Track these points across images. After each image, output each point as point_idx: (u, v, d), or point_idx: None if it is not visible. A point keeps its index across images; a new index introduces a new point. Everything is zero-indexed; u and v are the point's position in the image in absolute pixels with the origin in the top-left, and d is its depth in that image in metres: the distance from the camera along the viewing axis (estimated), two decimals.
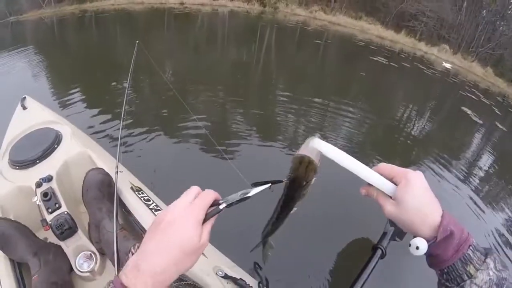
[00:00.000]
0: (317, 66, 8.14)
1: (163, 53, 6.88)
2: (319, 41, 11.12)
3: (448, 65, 12.80)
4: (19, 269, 1.38)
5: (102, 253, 1.47)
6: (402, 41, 15.56)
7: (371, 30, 15.97)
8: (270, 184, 0.67)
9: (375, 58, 9.62)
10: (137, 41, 2.66)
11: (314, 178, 0.70)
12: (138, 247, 1.17)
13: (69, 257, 1.42)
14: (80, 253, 1.43)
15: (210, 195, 0.60)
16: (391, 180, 0.67)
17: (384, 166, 0.69)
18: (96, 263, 1.41)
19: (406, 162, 3.86)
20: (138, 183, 1.76)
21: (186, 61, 6.88)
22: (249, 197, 0.64)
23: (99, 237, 1.43)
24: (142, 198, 1.59)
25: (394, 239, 1.28)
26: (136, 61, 2.47)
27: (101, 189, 1.51)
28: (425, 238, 0.62)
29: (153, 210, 1.53)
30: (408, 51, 13.51)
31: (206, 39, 9.63)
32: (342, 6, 18.83)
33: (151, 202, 1.59)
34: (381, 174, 0.68)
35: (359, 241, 1.98)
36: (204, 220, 0.58)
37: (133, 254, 1.22)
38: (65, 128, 1.99)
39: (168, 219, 0.55)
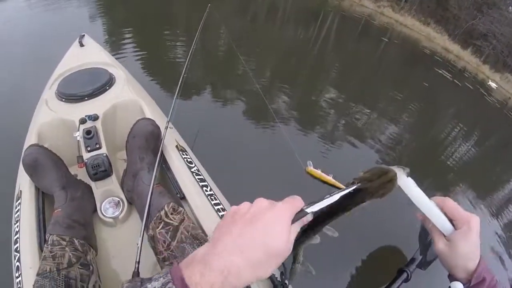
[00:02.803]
0: (375, 63, 7.75)
1: (221, 16, 6.80)
2: (385, 39, 10.63)
3: (493, 85, 12.00)
4: (43, 199, 1.39)
5: (130, 203, 1.47)
6: (467, 58, 14.68)
7: (437, 39, 15.13)
8: (355, 186, 0.63)
9: (439, 71, 9.13)
10: (209, 4, 2.62)
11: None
12: (172, 207, 1.14)
13: (96, 199, 1.43)
14: (108, 197, 1.44)
15: (299, 201, 0.52)
16: (451, 219, 0.71)
17: (450, 203, 0.72)
18: (122, 211, 1.42)
19: (438, 183, 3.68)
20: (183, 144, 1.73)
21: (241, 28, 6.77)
22: (335, 201, 0.59)
23: (133, 187, 1.42)
24: (185, 159, 1.56)
25: (420, 267, 1.31)
26: (198, 20, 2.44)
27: (148, 140, 1.48)
28: (460, 280, 0.68)
29: (193, 174, 1.50)
30: (471, 71, 12.74)
31: (267, 12, 9.44)
32: (412, 7, 17.98)
33: (193, 165, 1.56)
34: (444, 210, 0.72)
35: (386, 258, 1.92)
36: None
37: (166, 212, 1.21)
38: (120, 73, 1.98)
39: (254, 212, 0.46)
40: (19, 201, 1.36)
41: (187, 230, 1.17)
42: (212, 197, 1.39)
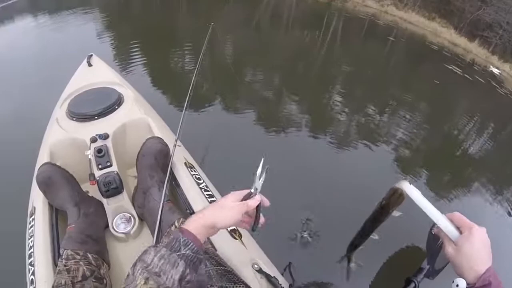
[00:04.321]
0: (383, 64, 7.64)
1: (226, 27, 6.88)
2: (391, 38, 10.49)
3: (496, 71, 11.79)
4: (56, 215, 1.43)
5: (141, 219, 1.50)
6: (475, 51, 14.37)
7: (443, 33, 14.90)
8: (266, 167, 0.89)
9: (449, 67, 8.93)
10: (211, 23, 2.66)
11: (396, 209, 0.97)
12: (182, 222, 1.16)
13: (108, 215, 1.46)
14: (119, 213, 1.48)
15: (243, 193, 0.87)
16: (458, 227, 0.84)
17: (457, 215, 0.86)
18: (133, 226, 1.45)
19: (455, 179, 3.63)
20: (191, 161, 1.75)
21: (247, 38, 6.80)
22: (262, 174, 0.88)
23: (144, 203, 1.45)
24: (193, 176, 1.58)
25: (428, 276, 1.35)
26: (201, 37, 2.48)
27: (157, 158, 1.51)
28: (467, 282, 0.76)
29: (202, 190, 1.51)
30: (480, 63, 12.50)
31: (270, 20, 9.47)
32: (416, 3, 17.81)
33: (202, 181, 1.58)
34: (453, 220, 0.86)
35: (393, 267, 1.90)
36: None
37: (176, 227, 1.23)
38: (128, 92, 2.03)
39: (221, 205, 0.82)
40: (33, 217, 1.40)
41: None
42: None
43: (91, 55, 2.45)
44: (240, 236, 1.34)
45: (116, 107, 1.85)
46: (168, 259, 0.66)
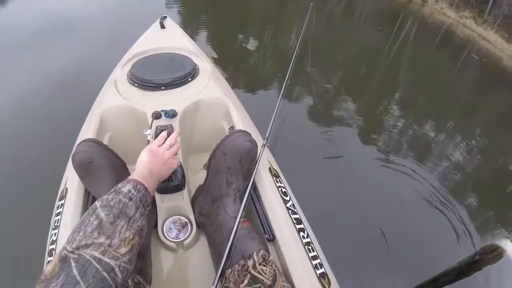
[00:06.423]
0: (451, 79, 6.90)
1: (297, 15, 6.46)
2: (474, 55, 9.63)
3: None
4: (92, 203, 1.12)
5: (198, 227, 1.18)
6: None
7: None
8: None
9: None
10: (311, 4, 2.30)
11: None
12: (263, 256, 0.82)
13: (159, 214, 1.15)
14: (174, 215, 1.16)
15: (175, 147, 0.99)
16: None
17: None
18: (189, 235, 1.13)
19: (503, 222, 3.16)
20: (276, 167, 1.34)
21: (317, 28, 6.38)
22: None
23: (210, 213, 1.11)
24: (279, 189, 1.17)
25: None
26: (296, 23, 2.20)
27: (242, 161, 1.09)
28: None
29: (289, 211, 1.11)
30: None
31: (343, 11, 8.95)
32: (495, 21, 16.51)
33: (288, 198, 1.17)
34: None
35: None
36: None
37: (254, 262, 0.90)
38: (205, 64, 1.70)
39: (163, 159, 0.92)
40: (63, 201, 1.11)
41: None
42: (310, 247, 1.03)
43: (165, 16, 2.17)
44: (329, 283, 0.98)
45: (190, 79, 1.53)
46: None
